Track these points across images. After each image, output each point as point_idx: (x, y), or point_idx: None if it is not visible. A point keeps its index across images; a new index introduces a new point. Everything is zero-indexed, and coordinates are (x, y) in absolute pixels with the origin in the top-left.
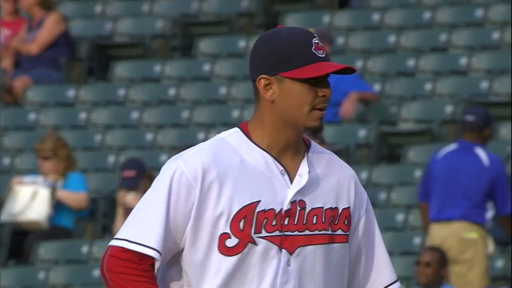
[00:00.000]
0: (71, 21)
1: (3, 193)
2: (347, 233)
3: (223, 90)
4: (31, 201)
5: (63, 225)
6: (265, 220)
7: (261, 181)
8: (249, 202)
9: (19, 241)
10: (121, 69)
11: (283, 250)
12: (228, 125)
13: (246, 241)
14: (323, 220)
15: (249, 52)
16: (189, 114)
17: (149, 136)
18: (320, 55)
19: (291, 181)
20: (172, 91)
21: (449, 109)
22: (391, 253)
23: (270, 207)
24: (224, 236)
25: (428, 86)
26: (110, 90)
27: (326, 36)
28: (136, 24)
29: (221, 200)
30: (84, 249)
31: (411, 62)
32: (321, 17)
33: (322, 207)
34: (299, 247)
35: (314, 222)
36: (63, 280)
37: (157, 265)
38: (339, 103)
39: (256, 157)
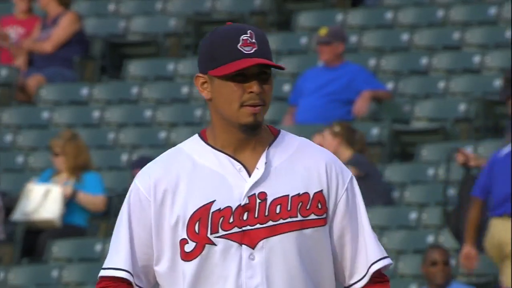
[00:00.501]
0: (84, 20)
1: (18, 191)
2: (322, 216)
3: None
4: (44, 199)
5: (76, 223)
6: (221, 219)
7: (215, 181)
8: (203, 204)
9: (32, 240)
10: (134, 68)
11: (243, 246)
12: None
13: (203, 243)
14: (289, 208)
15: None
16: (202, 113)
17: (162, 135)
18: (246, 52)
19: (250, 176)
20: (185, 89)
21: (462, 107)
22: (404, 252)
23: (226, 205)
24: (183, 242)
25: (441, 85)
26: (123, 88)
27: (339, 35)
28: (149, 22)
29: (176, 206)
30: (98, 247)
31: (424, 61)
32: (334, 15)
33: (288, 195)
34: (261, 239)
35: (277, 211)
36: (76, 278)
37: (137, 282)
38: (352, 102)
39: (209, 158)
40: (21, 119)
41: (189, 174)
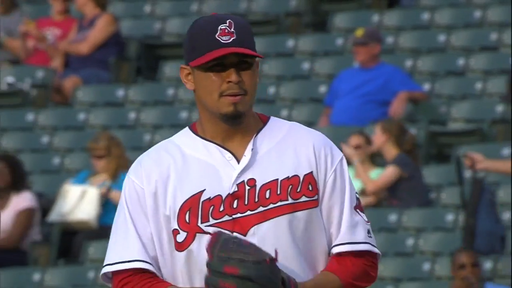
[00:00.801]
0: (120, 21)
1: (54, 193)
2: (314, 198)
3: (271, 90)
4: (80, 200)
5: (112, 224)
6: (212, 207)
7: (205, 171)
8: (192, 194)
9: (68, 241)
10: (169, 69)
11: (235, 234)
12: None
13: (193, 233)
14: (278, 192)
15: (298, 52)
16: None
17: None
18: (224, 41)
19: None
20: None
21: (499, 108)
22: (440, 254)
23: (216, 194)
24: (175, 232)
25: (478, 86)
26: (159, 89)
27: (375, 36)
28: (185, 24)
29: (167, 197)
30: None
31: (461, 61)
32: (370, 16)
33: (277, 179)
34: (253, 226)
35: (267, 196)
36: None
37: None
38: (388, 103)
39: (199, 149)
40: (57, 121)
41: (179, 165)
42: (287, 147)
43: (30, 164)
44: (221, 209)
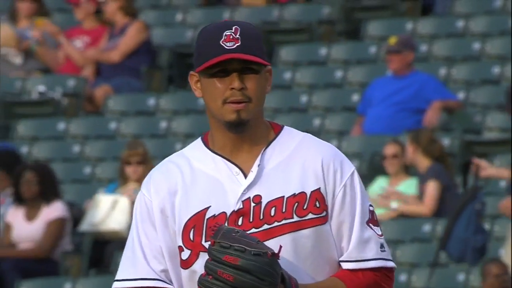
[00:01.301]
0: (151, 29)
1: (85, 202)
2: (321, 214)
3: (304, 98)
4: (111, 210)
5: None
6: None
7: (211, 186)
8: (198, 211)
9: (99, 251)
10: None
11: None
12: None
13: (197, 251)
14: (284, 210)
15: (330, 60)
16: None
17: None
18: (227, 47)
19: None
20: None
21: None
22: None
23: (221, 211)
24: (180, 249)
25: None
26: (190, 98)
27: (409, 44)
28: None
29: (175, 212)
30: None
31: (495, 70)
32: (403, 24)
33: (283, 196)
34: None
35: (272, 214)
36: None
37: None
38: (422, 111)
39: (207, 163)
40: (89, 130)
41: (187, 179)
42: (295, 162)
43: (61, 173)
44: None
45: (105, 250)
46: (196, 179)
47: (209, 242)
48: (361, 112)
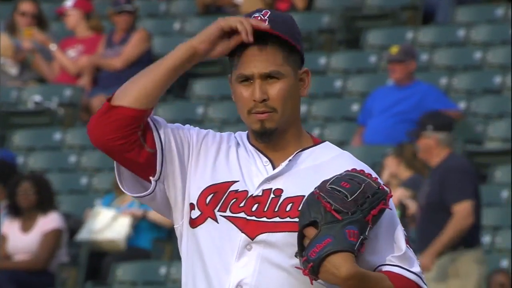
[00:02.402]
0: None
1: (81, 213)
2: None
3: (303, 108)
4: (112, 222)
5: (141, 246)
6: (234, 200)
7: (246, 165)
8: (226, 180)
9: (96, 262)
10: (199, 87)
11: (243, 235)
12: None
13: (206, 216)
14: (299, 208)
15: (330, 70)
16: None
17: None
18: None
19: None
20: None
21: None
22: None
23: (244, 189)
24: (191, 207)
25: None
26: (188, 108)
27: (411, 52)
28: None
29: (207, 168)
30: (162, 270)
31: (497, 79)
32: (404, 33)
33: (303, 195)
34: (263, 233)
35: (287, 209)
36: None
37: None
38: None
39: (246, 148)
40: (85, 140)
41: (228, 152)
42: (326, 171)
43: (58, 184)
44: (241, 204)
45: (102, 262)
46: (235, 154)
47: (222, 212)
48: (361, 123)
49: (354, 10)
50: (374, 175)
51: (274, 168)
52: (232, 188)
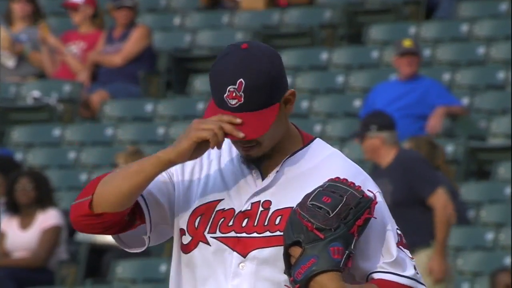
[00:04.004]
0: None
1: None
2: None
3: (305, 104)
4: None
5: None
6: (222, 220)
7: (231, 181)
8: (211, 200)
9: (96, 260)
10: (200, 83)
11: (235, 253)
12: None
13: (197, 240)
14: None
15: (332, 65)
16: None
17: None
18: (230, 105)
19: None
20: None
21: None
22: (479, 274)
23: (230, 207)
24: (181, 232)
25: None
26: (189, 104)
27: (419, 46)
28: (216, 36)
29: (199, 190)
30: (162, 267)
31: (501, 75)
32: (407, 28)
33: (292, 207)
34: (255, 249)
35: (276, 223)
36: None
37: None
38: (425, 117)
39: (232, 157)
40: (85, 136)
41: (210, 165)
42: (315, 177)
43: (57, 180)
44: (230, 223)
45: (101, 259)
46: (217, 168)
47: (212, 234)
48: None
49: (356, 5)
50: (361, 178)
51: (263, 179)
52: (219, 207)
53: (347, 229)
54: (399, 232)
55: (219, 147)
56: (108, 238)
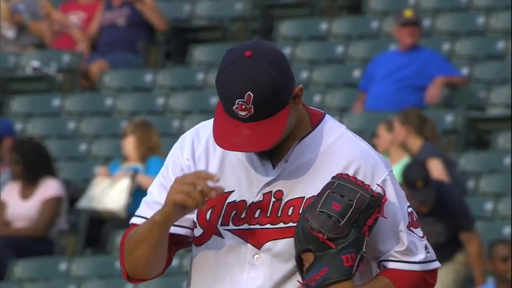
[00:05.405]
0: None
1: (81, 180)
2: None
3: (304, 74)
4: (110, 189)
5: None
6: (234, 212)
7: (241, 171)
8: (221, 192)
9: (96, 230)
10: (199, 53)
11: (249, 245)
12: None
13: (210, 233)
14: (301, 211)
15: (332, 35)
16: None
17: None
18: (241, 116)
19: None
20: None
21: None
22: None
23: (242, 199)
24: (194, 224)
25: None
26: (188, 74)
27: (420, 16)
28: (215, 6)
29: None
30: None
31: (500, 45)
32: None
33: (303, 197)
34: (269, 241)
35: (289, 213)
36: None
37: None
38: (425, 88)
39: None
40: (84, 106)
41: (223, 156)
42: (324, 163)
43: (57, 150)
44: (243, 215)
45: (101, 230)
46: (223, 158)
47: (224, 226)
48: (363, 89)
49: None
50: (371, 162)
51: (273, 166)
52: (229, 199)
53: (358, 232)
54: (409, 210)
55: (201, 206)
56: (109, 207)
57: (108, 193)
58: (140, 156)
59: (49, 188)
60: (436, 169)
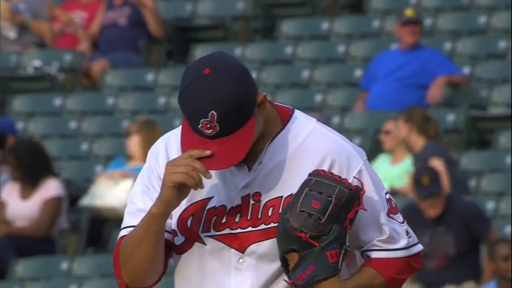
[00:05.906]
0: None
1: (82, 179)
2: None
3: (305, 74)
4: (113, 187)
5: None
6: (215, 218)
7: (218, 177)
8: (200, 198)
9: (97, 229)
10: (201, 52)
11: (233, 250)
12: (311, 110)
13: (192, 240)
14: (280, 210)
15: (333, 34)
16: (271, 98)
17: None
18: (207, 134)
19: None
20: (253, 75)
21: None
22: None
23: (222, 204)
24: (174, 233)
25: None
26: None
27: (421, 15)
28: (217, 5)
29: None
30: None
31: (502, 44)
32: None
33: (282, 196)
34: (252, 243)
35: (269, 214)
36: None
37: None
38: (426, 86)
39: None
40: (86, 105)
41: None
42: (298, 160)
43: (58, 150)
44: (224, 221)
45: (103, 229)
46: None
47: (206, 232)
48: (364, 88)
49: None
50: (345, 154)
51: (249, 168)
52: (209, 205)
53: (339, 227)
54: (387, 196)
55: (200, 186)
56: (112, 203)
57: (112, 191)
58: (145, 156)
59: (50, 188)
60: (438, 168)
